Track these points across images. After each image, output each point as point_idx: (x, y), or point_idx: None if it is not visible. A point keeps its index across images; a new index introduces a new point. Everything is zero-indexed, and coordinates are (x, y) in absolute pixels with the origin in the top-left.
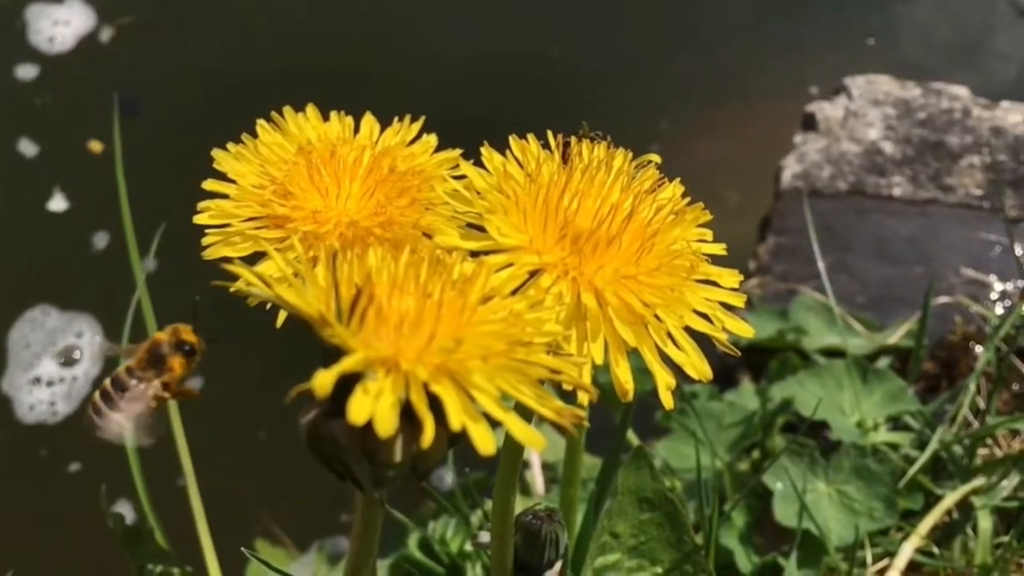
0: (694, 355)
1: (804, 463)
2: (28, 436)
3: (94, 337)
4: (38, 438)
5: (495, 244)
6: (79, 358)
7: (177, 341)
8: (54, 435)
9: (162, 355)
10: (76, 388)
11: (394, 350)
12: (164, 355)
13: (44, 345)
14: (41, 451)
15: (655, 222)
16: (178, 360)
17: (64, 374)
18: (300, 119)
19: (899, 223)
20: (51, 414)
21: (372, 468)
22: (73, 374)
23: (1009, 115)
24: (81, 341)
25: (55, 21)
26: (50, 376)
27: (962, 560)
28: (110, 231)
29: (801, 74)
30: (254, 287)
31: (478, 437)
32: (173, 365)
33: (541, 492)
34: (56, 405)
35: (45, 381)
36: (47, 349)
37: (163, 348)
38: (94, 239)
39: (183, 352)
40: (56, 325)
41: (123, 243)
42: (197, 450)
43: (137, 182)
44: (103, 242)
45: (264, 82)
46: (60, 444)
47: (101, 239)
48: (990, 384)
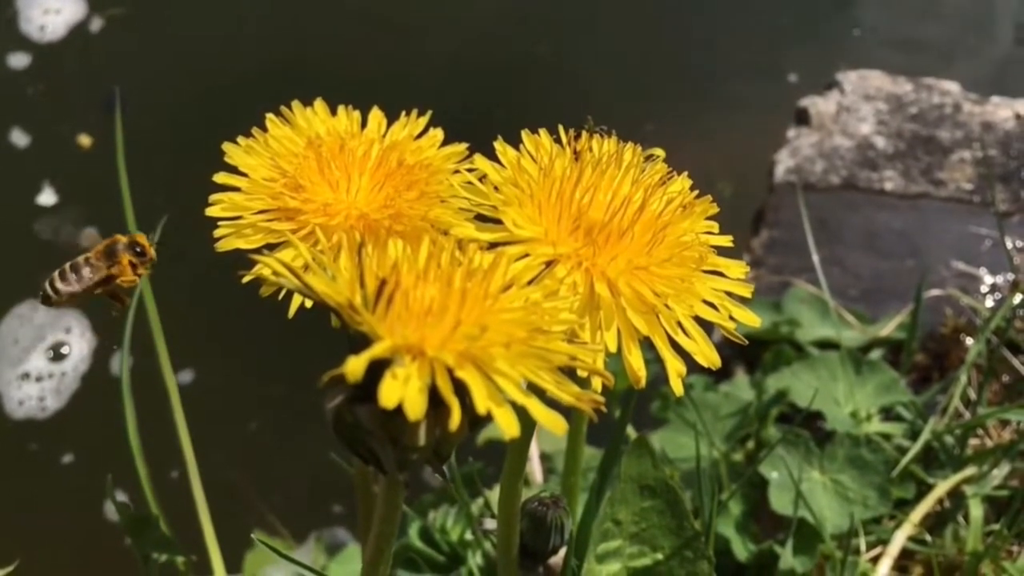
0: (703, 343)
1: (799, 453)
2: (17, 431)
3: (83, 333)
4: (27, 433)
5: (511, 236)
6: (68, 353)
7: (131, 243)
8: (44, 430)
9: (116, 251)
10: (65, 383)
11: (420, 337)
12: (117, 251)
13: (33, 340)
14: (31, 445)
15: (665, 214)
16: (127, 258)
17: (53, 369)
18: (308, 113)
19: (891, 217)
20: (40, 409)
21: (396, 451)
22: (62, 369)
23: (999, 110)
24: (69, 337)
25: (46, 10)
26: (39, 372)
27: (954, 548)
28: (100, 226)
29: (787, 66)
30: (282, 277)
31: (503, 421)
32: (122, 261)
33: (540, 482)
34: (45, 400)
35: (34, 376)
36: (36, 345)
37: (118, 246)
38: (83, 235)
39: (134, 252)
40: (44, 321)
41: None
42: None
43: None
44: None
45: (253, 76)
46: (50, 439)
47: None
48: (981, 375)
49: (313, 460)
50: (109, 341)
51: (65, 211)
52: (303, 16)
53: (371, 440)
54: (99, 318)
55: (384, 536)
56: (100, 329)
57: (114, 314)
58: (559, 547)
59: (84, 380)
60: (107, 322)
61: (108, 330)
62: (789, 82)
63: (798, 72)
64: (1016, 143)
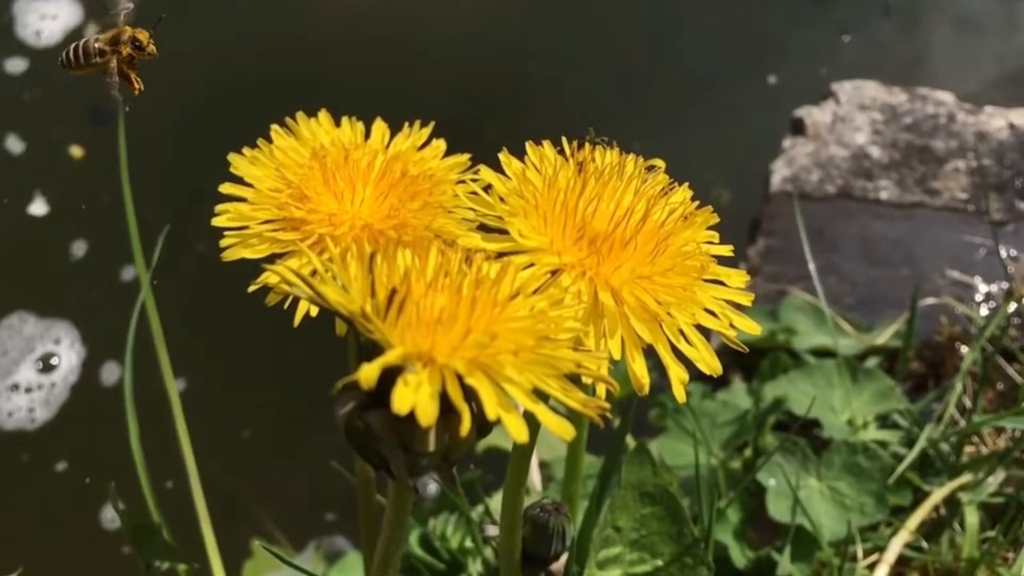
0: (705, 351)
1: (797, 460)
2: (7, 443)
3: (72, 344)
4: (18, 445)
5: (517, 245)
6: (57, 364)
7: (133, 37)
8: (34, 441)
9: (121, 39)
10: (55, 394)
11: (430, 344)
12: (122, 39)
13: (22, 352)
14: (23, 456)
15: (668, 225)
16: (128, 47)
17: (43, 380)
18: (313, 124)
19: (886, 226)
20: (30, 420)
21: (407, 457)
22: (51, 380)
23: (993, 120)
24: (59, 348)
25: (43, 15)
26: (28, 383)
27: (949, 554)
28: (89, 238)
29: (782, 75)
30: (295, 286)
31: (513, 427)
32: (122, 50)
33: (539, 489)
34: (35, 412)
35: (24, 388)
36: (25, 356)
37: (123, 36)
38: (73, 246)
39: (135, 46)
40: (34, 332)
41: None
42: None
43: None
44: (81, 249)
45: (248, 87)
46: (40, 450)
47: (80, 247)
48: (976, 383)
49: (309, 468)
50: (99, 352)
51: (55, 222)
52: (299, 28)
53: (381, 446)
54: (88, 329)
55: (393, 541)
56: (90, 340)
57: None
58: (560, 553)
59: (74, 391)
60: (97, 334)
61: (98, 341)
62: (784, 91)
63: (793, 80)
64: (1010, 153)
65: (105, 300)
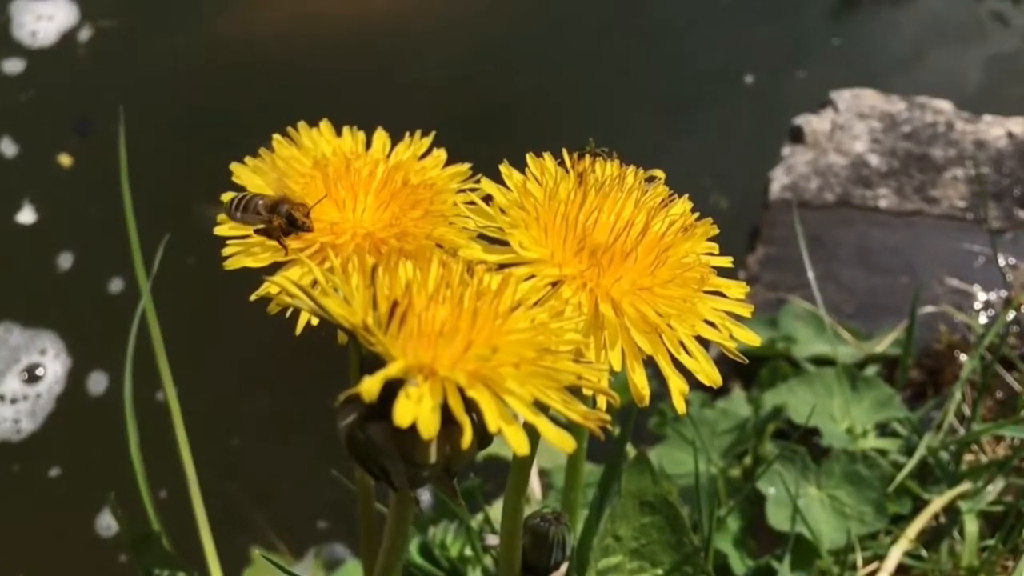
0: (705, 363)
1: (796, 469)
2: None
3: (58, 355)
4: (3, 455)
5: (517, 257)
6: (43, 375)
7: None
8: (19, 453)
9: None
10: (40, 405)
11: (432, 357)
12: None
13: (7, 362)
14: (13, 467)
15: (668, 236)
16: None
17: (28, 391)
18: (314, 134)
19: (885, 234)
20: (15, 432)
21: (408, 469)
22: (37, 391)
23: (991, 128)
24: (44, 359)
25: (39, 16)
26: (14, 393)
27: (949, 563)
28: (75, 249)
29: (774, 79)
30: (297, 298)
31: (513, 439)
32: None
33: (539, 498)
34: (20, 423)
35: (9, 399)
36: (10, 367)
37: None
38: (59, 257)
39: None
40: (19, 343)
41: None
42: (177, 459)
43: (104, 197)
44: (68, 260)
45: (240, 95)
46: (26, 461)
47: (66, 258)
48: (975, 392)
49: (309, 476)
50: (84, 363)
51: (42, 231)
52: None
53: (383, 458)
54: (74, 340)
55: (394, 550)
56: (75, 351)
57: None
58: (561, 563)
59: (59, 401)
60: (82, 344)
61: (83, 352)
62: (783, 98)
63: (792, 88)
64: (1008, 161)
65: (91, 311)
